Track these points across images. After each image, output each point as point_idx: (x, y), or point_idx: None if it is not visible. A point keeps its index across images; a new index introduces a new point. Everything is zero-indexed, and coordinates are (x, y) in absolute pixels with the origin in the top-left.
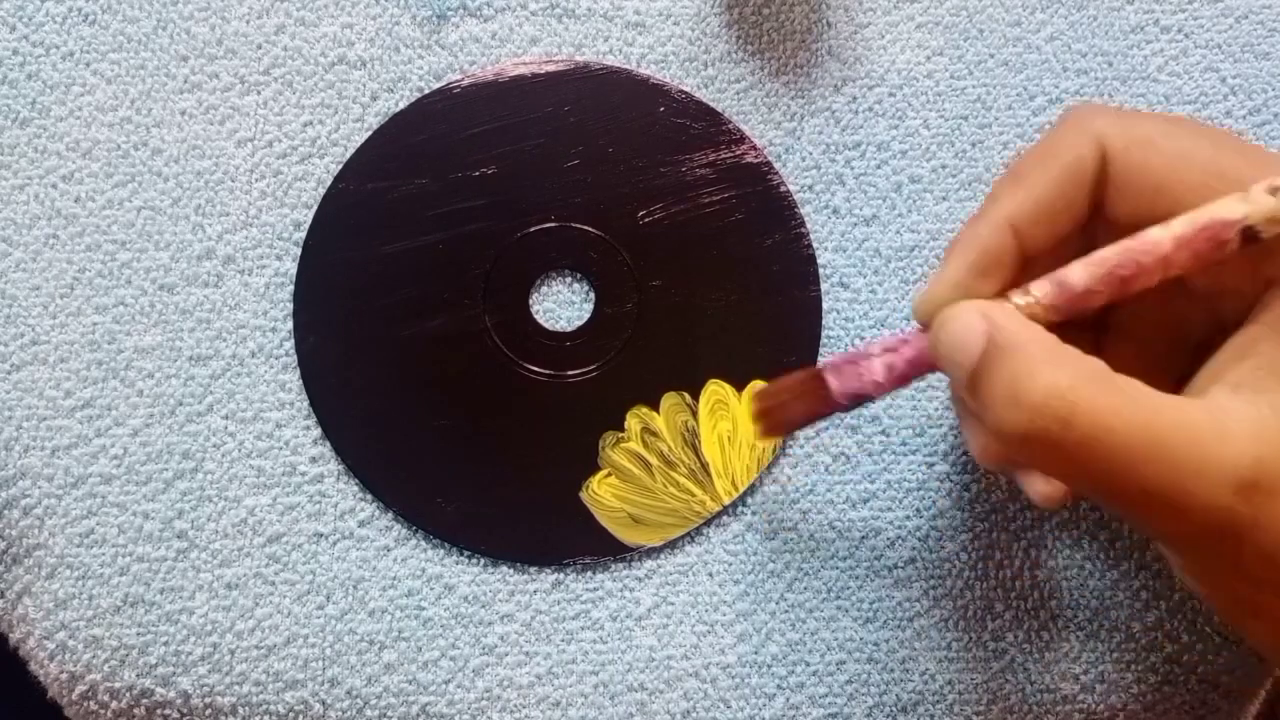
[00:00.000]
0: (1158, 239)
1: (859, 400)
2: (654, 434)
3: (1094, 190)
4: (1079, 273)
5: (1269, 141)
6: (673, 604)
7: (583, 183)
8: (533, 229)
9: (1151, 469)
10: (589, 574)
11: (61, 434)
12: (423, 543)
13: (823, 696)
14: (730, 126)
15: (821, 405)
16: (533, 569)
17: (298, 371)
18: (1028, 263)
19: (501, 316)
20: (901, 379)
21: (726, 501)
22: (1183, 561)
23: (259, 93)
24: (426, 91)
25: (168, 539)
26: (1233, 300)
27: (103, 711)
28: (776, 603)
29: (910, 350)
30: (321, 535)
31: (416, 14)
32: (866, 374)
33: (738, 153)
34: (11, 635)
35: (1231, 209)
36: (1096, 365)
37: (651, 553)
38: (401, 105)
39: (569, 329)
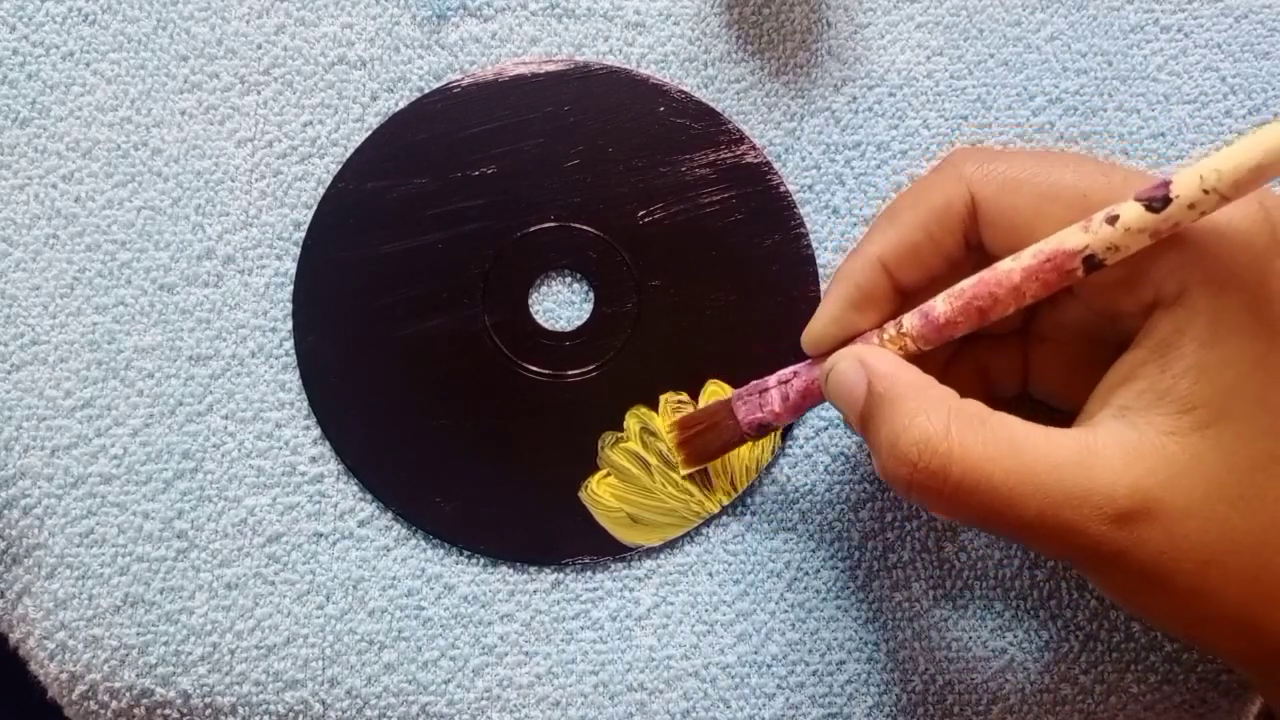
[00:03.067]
0: (1009, 270)
1: (763, 429)
2: (653, 434)
3: (966, 230)
4: (940, 305)
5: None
6: (672, 604)
7: (582, 183)
8: (532, 229)
9: (1027, 506)
10: (588, 574)
11: (61, 434)
12: (422, 543)
13: (823, 696)
14: (730, 126)
15: (732, 435)
16: (532, 569)
17: (297, 371)
18: (911, 295)
19: (501, 316)
20: (796, 409)
21: (725, 502)
22: (1080, 573)
23: (259, 93)
24: (426, 91)
25: (167, 539)
26: (1125, 320)
27: (103, 711)
28: (776, 603)
29: (800, 382)
30: (321, 535)
31: (416, 14)
32: (767, 404)
33: (737, 153)
34: (11, 635)
35: (1074, 239)
36: (969, 409)
37: (651, 553)
38: (401, 105)
39: (568, 329)
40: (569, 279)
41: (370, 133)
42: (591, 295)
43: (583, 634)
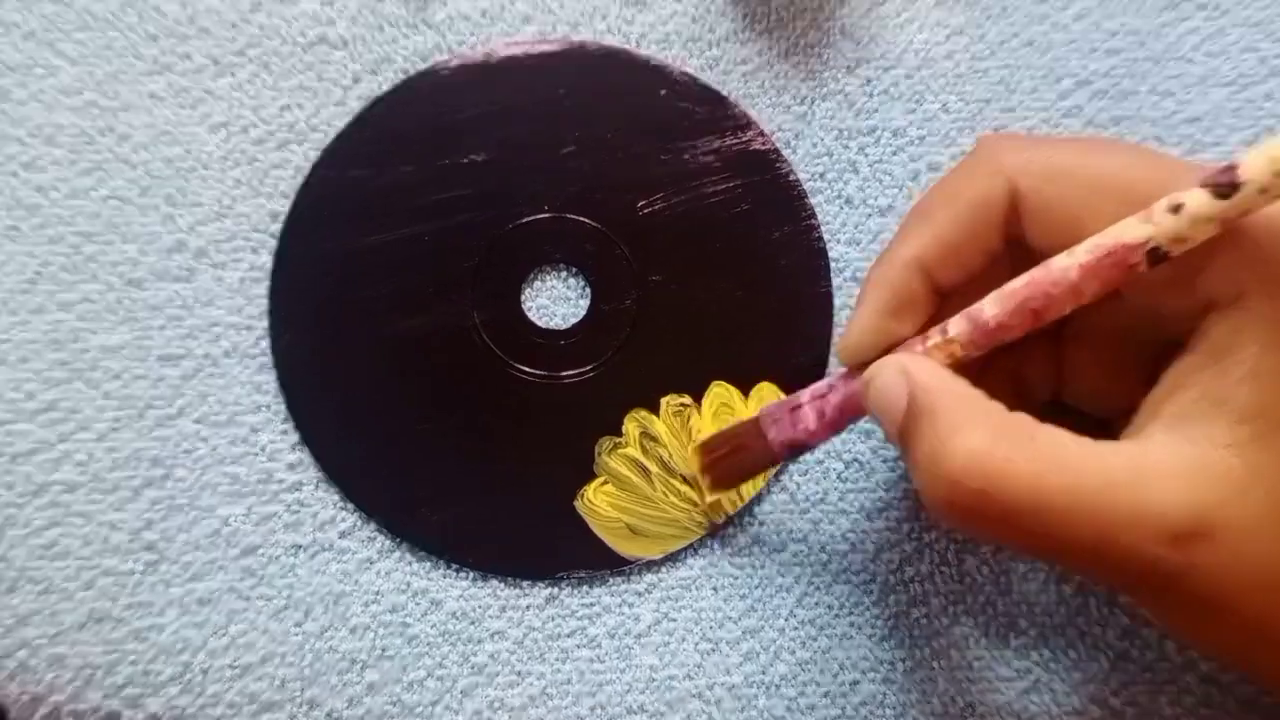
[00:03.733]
0: (1065, 268)
1: (797, 449)
2: (653, 439)
3: (1006, 226)
4: (991, 308)
5: None
6: (675, 620)
7: (578, 171)
8: (525, 220)
9: (1077, 529)
10: (585, 589)
11: (22, 439)
12: (407, 555)
13: (835, 718)
14: (736, 111)
15: (763, 457)
16: (525, 583)
17: (274, 372)
18: (947, 295)
19: (492, 313)
20: (834, 425)
21: (731, 512)
22: (1133, 601)
23: (233, 74)
24: (412, 73)
25: (135, 551)
26: (1171, 322)
27: None
28: (785, 619)
29: (837, 396)
30: (300, 547)
31: None
32: (800, 422)
33: (744, 139)
34: None
35: (1135, 231)
36: (1016, 423)
37: (652, 566)
38: (385, 88)
39: (564, 327)
40: (564, 274)
41: (352, 117)
42: (588, 291)
43: (579, 652)
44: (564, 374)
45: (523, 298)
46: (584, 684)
